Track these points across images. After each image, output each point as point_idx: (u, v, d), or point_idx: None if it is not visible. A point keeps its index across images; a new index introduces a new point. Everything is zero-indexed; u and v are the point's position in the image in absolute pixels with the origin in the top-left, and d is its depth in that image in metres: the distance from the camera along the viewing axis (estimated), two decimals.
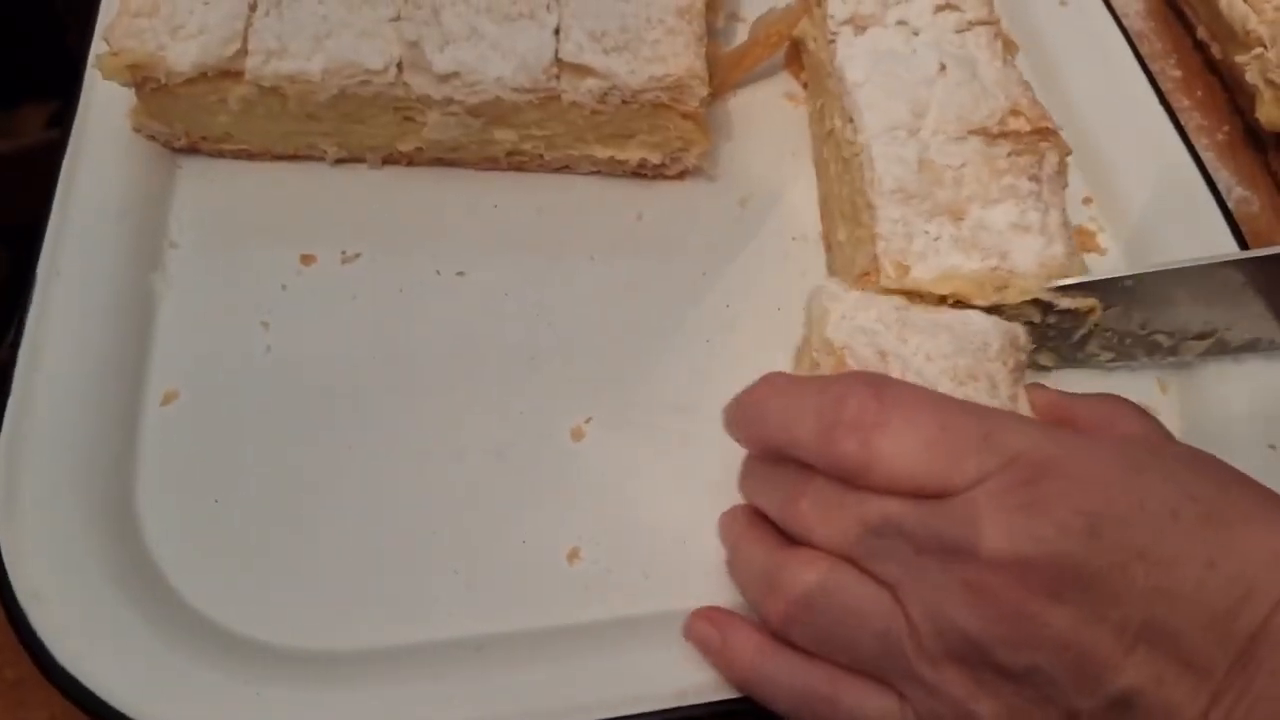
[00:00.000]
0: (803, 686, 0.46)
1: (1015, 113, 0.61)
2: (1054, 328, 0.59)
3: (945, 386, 0.51)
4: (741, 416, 0.49)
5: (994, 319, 0.54)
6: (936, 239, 0.57)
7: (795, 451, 0.46)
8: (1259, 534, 0.40)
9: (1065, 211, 0.59)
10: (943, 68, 0.63)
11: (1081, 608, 0.40)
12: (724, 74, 0.70)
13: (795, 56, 0.73)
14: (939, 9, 0.65)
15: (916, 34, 0.65)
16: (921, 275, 0.57)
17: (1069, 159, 0.61)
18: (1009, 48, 0.65)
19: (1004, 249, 0.57)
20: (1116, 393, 0.53)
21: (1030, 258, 0.57)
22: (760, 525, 0.50)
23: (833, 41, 0.65)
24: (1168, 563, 0.40)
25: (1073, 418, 0.51)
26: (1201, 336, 0.59)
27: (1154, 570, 0.39)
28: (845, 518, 0.44)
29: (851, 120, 0.62)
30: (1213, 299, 0.58)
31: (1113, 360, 0.61)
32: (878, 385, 0.45)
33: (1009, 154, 0.60)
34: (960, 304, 0.57)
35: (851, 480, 0.44)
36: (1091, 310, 0.58)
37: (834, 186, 0.66)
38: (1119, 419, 0.50)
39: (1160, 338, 0.60)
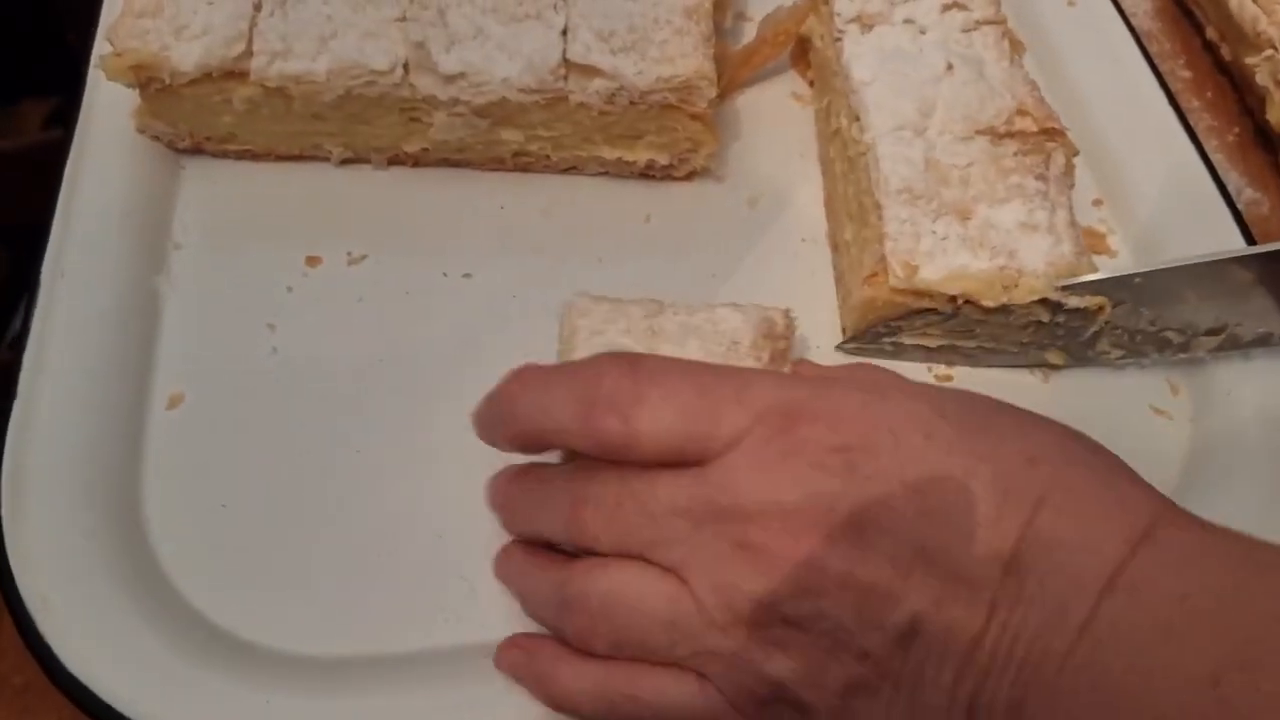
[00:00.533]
0: (604, 690, 0.45)
1: (1022, 112, 0.61)
2: (1063, 326, 0.59)
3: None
4: (494, 414, 0.49)
5: (745, 312, 0.54)
6: (944, 238, 0.57)
7: (555, 438, 0.46)
8: (1011, 441, 0.41)
9: (1072, 210, 0.59)
10: (950, 67, 0.63)
11: (853, 544, 0.40)
12: (731, 73, 0.69)
13: (802, 55, 0.73)
14: (946, 8, 0.65)
15: (923, 33, 0.65)
16: (930, 275, 0.57)
17: (1078, 160, 0.61)
18: (1016, 47, 0.65)
19: (1012, 248, 0.57)
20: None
21: (1038, 256, 0.57)
22: (538, 553, 0.49)
23: (839, 40, 0.65)
24: (927, 484, 0.40)
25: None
26: (1212, 333, 0.59)
27: (916, 494, 0.40)
28: (622, 513, 0.44)
29: (858, 119, 0.62)
30: (1222, 295, 0.57)
31: (1123, 357, 0.61)
32: (630, 361, 0.45)
33: (1015, 153, 0.60)
34: (970, 303, 0.57)
35: (618, 457, 0.44)
36: (1100, 309, 0.58)
37: (840, 186, 0.65)
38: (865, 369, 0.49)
39: (1170, 334, 0.59)
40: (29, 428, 0.56)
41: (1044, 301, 0.57)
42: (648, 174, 0.68)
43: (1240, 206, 0.65)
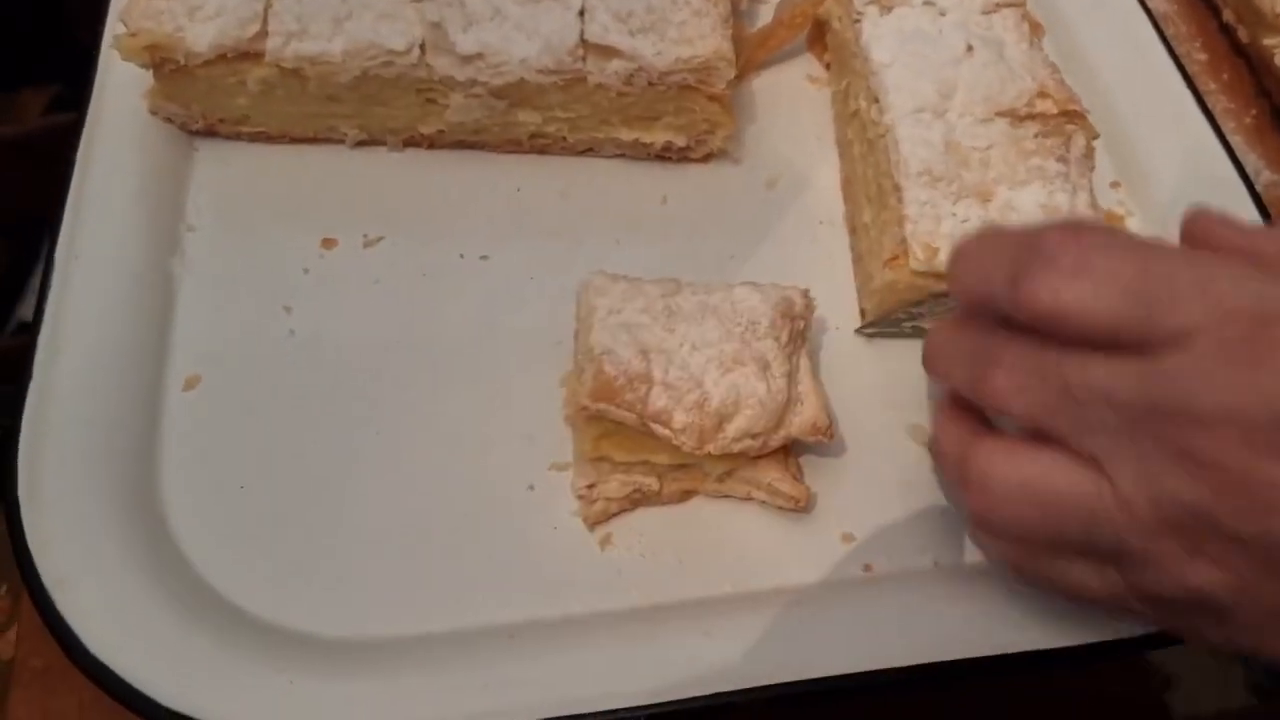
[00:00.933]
0: (1018, 560, 0.45)
1: (1043, 94, 0.61)
2: None
3: (712, 374, 0.51)
4: (950, 266, 0.46)
5: (764, 292, 0.54)
6: (965, 221, 0.57)
7: (990, 301, 0.43)
8: None
9: (1093, 193, 0.59)
10: (970, 49, 0.62)
11: None
12: (749, 55, 0.69)
13: (819, 37, 0.72)
14: None
15: (943, 14, 0.64)
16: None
17: (1095, 143, 0.61)
18: (1035, 30, 0.65)
19: None
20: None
21: None
22: (954, 407, 0.47)
23: (858, 21, 0.64)
24: None
25: (1259, 252, 0.43)
26: None
27: None
28: (1044, 390, 0.41)
29: (877, 101, 0.62)
30: None
31: None
32: (1075, 228, 0.41)
33: (1036, 135, 0.60)
34: None
35: (1045, 330, 0.41)
36: None
37: (858, 168, 0.65)
38: None
39: None
40: (45, 411, 0.55)
41: None
42: (665, 156, 0.67)
43: (1259, 188, 0.64)
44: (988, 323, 0.45)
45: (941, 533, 0.55)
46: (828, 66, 0.72)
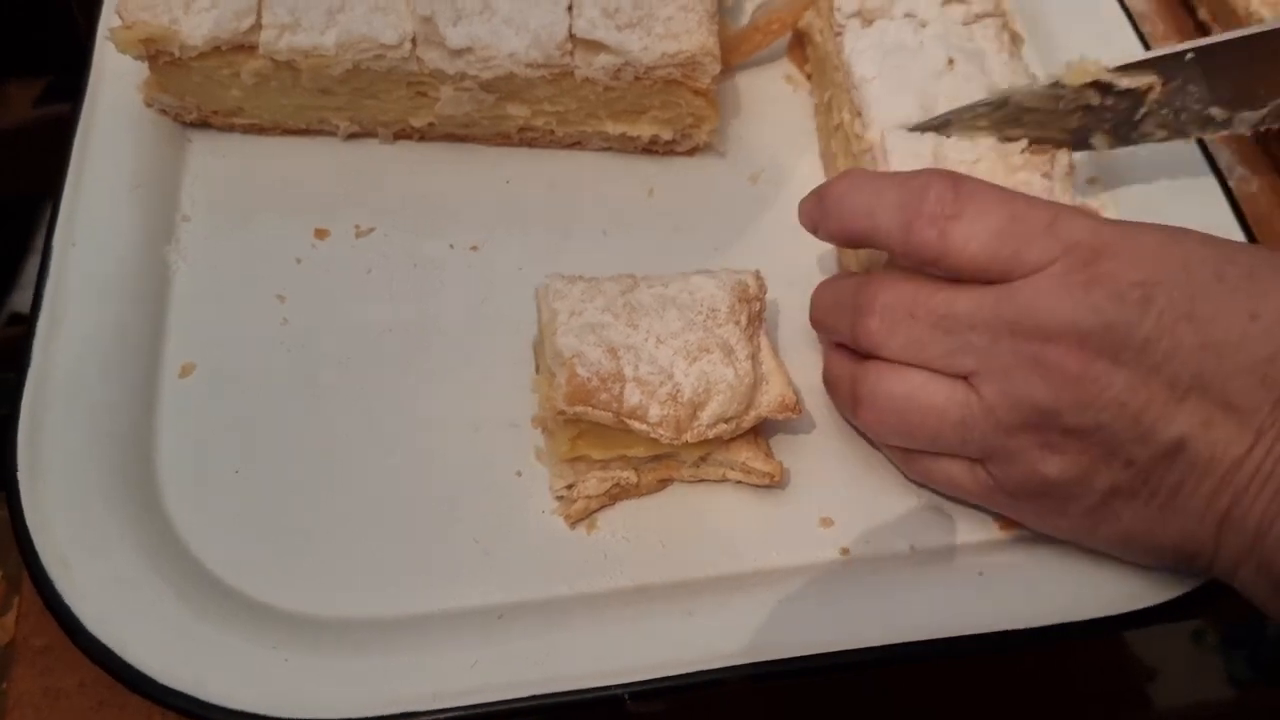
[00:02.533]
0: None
1: None
2: (1111, 110, 0.60)
3: (681, 365, 0.53)
4: (821, 208, 0.54)
5: (718, 278, 0.56)
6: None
7: (875, 239, 0.51)
8: None
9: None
10: (951, 62, 0.63)
11: (1138, 368, 0.45)
12: (725, 56, 0.70)
13: (798, 46, 0.73)
14: (946, 1, 0.66)
15: (924, 26, 0.65)
16: None
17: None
18: (1015, 40, 0.66)
19: None
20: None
21: None
22: (840, 346, 0.55)
23: (840, 34, 0.65)
24: (1213, 320, 0.44)
25: None
26: (1255, 106, 0.60)
27: (1201, 328, 0.44)
28: (915, 327, 0.49)
29: (860, 115, 0.63)
30: (1270, 65, 0.58)
31: (1166, 137, 0.62)
32: (954, 179, 0.50)
33: (1023, 151, 0.60)
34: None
35: (927, 268, 0.49)
36: (1151, 88, 0.59)
37: None
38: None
39: (1215, 111, 0.60)
40: (43, 396, 0.56)
41: (1095, 84, 0.58)
42: (651, 149, 0.69)
43: (1231, 184, 0.66)
44: (854, 277, 0.53)
45: (917, 518, 0.56)
46: (809, 76, 0.73)
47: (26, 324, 0.60)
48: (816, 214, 0.55)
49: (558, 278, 0.56)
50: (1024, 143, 0.60)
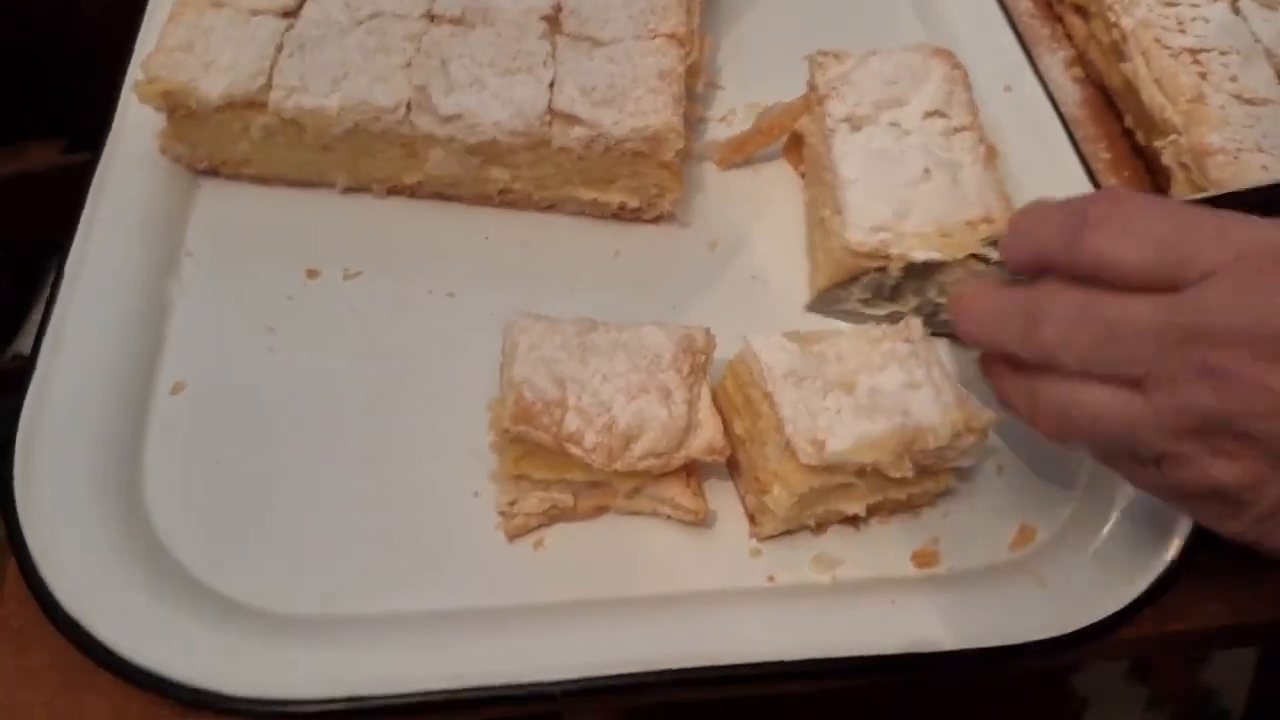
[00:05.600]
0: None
1: (987, 220, 0.66)
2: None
3: (620, 401, 0.58)
4: (1009, 234, 0.54)
5: (668, 330, 0.61)
6: (838, 412, 0.58)
7: (1044, 261, 0.51)
8: None
9: (945, 365, 0.61)
10: (927, 171, 0.68)
11: None
12: (725, 155, 0.77)
13: (794, 147, 0.78)
14: (928, 115, 0.71)
15: (908, 134, 0.70)
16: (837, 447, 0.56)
17: None
18: (991, 153, 0.71)
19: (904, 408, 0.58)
20: None
21: (931, 411, 0.58)
22: (1000, 363, 0.54)
23: (830, 136, 0.70)
24: None
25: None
26: None
27: None
28: (1089, 334, 0.49)
29: (840, 213, 0.67)
30: None
31: None
32: (1116, 193, 0.50)
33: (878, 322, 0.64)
34: None
35: (1093, 276, 0.49)
36: None
37: (819, 272, 0.71)
38: None
39: None
40: (45, 399, 0.62)
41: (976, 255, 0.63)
42: (619, 215, 0.75)
43: None
44: (1021, 287, 0.52)
45: (840, 553, 0.61)
46: (803, 175, 0.78)
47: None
48: (1005, 245, 0.55)
49: (524, 315, 0.61)
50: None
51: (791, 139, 0.78)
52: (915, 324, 0.62)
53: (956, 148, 0.70)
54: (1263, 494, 0.47)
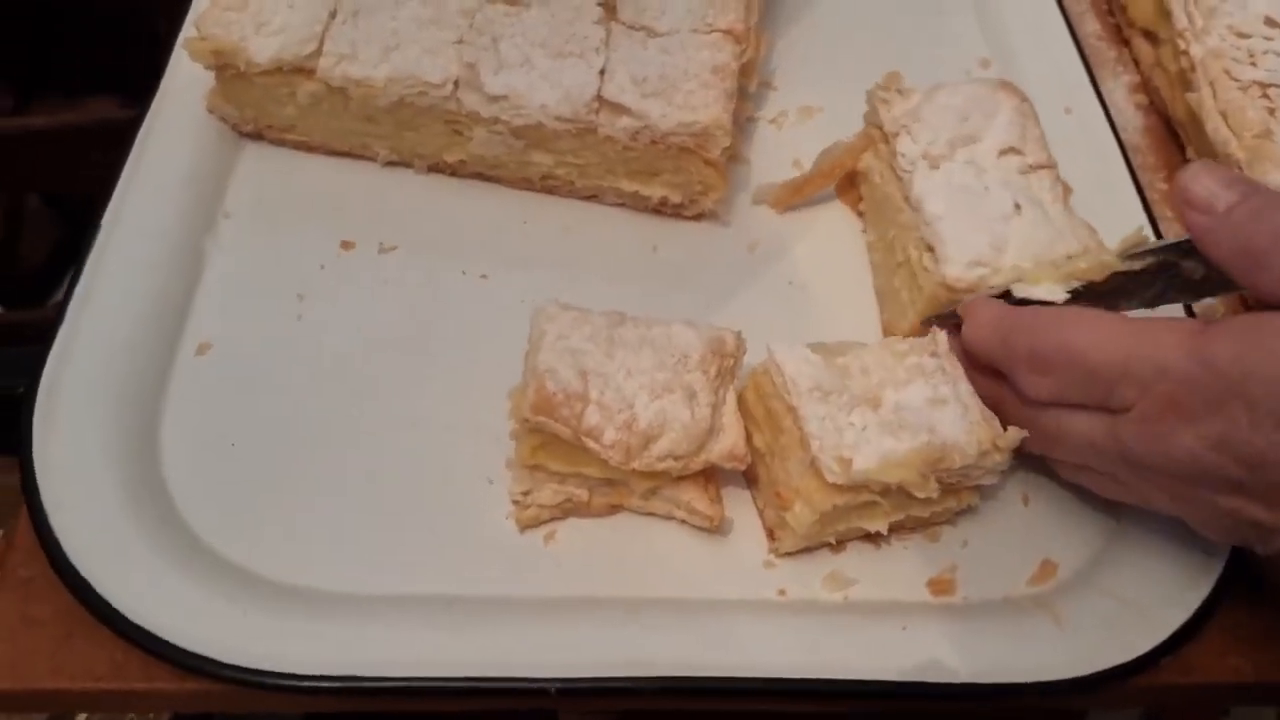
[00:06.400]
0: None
1: (1087, 253, 0.63)
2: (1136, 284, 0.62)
3: (643, 399, 0.57)
4: (966, 325, 0.60)
5: (698, 330, 0.59)
6: (863, 428, 0.56)
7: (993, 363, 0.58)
8: None
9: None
10: (1018, 207, 0.65)
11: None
12: (783, 198, 0.75)
13: (851, 187, 0.76)
14: (1002, 153, 0.68)
15: (984, 172, 0.67)
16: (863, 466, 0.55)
17: None
18: (1066, 191, 0.68)
19: (930, 425, 0.57)
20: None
21: (957, 429, 0.57)
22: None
23: (908, 174, 0.68)
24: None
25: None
26: None
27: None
28: (1046, 441, 0.56)
29: (932, 250, 0.65)
30: None
31: (1191, 299, 0.67)
32: (1033, 331, 0.55)
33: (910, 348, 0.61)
34: None
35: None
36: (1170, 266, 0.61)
37: (903, 315, 0.68)
38: None
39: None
40: (69, 350, 0.62)
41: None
42: (660, 210, 0.74)
43: (1196, 310, 0.70)
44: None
45: (854, 571, 0.59)
46: (860, 214, 0.76)
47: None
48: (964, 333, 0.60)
49: (554, 303, 0.60)
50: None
51: (846, 180, 0.76)
52: (941, 337, 0.60)
53: (1035, 186, 0.67)
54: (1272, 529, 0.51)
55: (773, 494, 0.58)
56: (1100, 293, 0.62)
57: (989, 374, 0.58)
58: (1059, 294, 0.61)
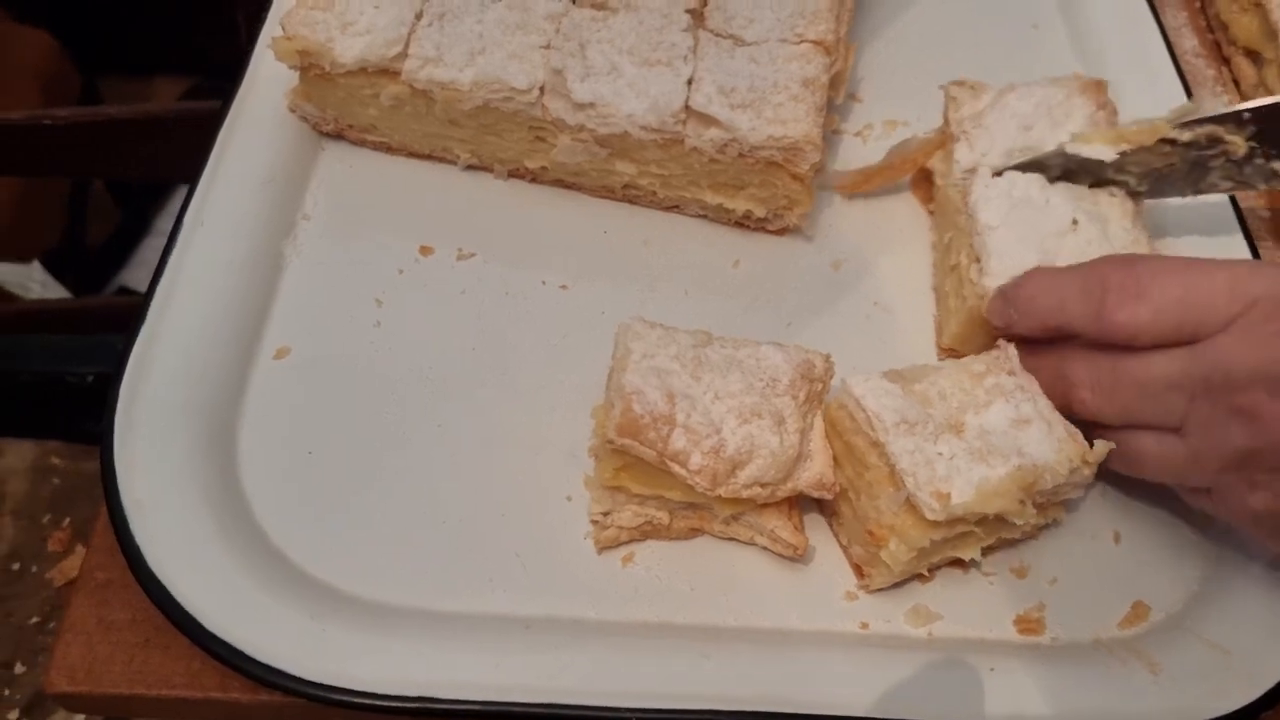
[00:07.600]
0: None
1: None
2: (1183, 161, 0.63)
3: (731, 424, 0.55)
4: (1013, 310, 0.59)
5: (787, 352, 0.58)
6: (952, 458, 0.55)
7: (1069, 330, 0.56)
8: None
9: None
10: (1075, 223, 0.63)
11: None
12: (850, 185, 0.74)
13: (925, 183, 0.75)
14: None
15: (1052, 183, 0.65)
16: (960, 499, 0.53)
17: None
18: (1139, 203, 0.66)
19: (1018, 447, 0.55)
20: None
21: (1045, 448, 0.55)
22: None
23: (968, 179, 0.66)
24: None
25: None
26: None
27: None
28: (1123, 394, 0.54)
29: (978, 261, 0.63)
30: None
31: (1232, 188, 0.66)
32: (1127, 262, 0.55)
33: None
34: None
35: (1120, 343, 0.54)
36: (1215, 141, 0.62)
37: (951, 322, 0.67)
38: None
39: (1277, 165, 0.63)
40: (149, 354, 0.62)
41: (1164, 139, 0.62)
42: (743, 223, 0.73)
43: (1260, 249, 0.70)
44: (1050, 351, 0.58)
45: (939, 606, 0.58)
46: (930, 212, 0.75)
47: (134, 296, 0.65)
48: (1010, 316, 0.59)
49: (639, 320, 0.59)
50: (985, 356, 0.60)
51: (921, 175, 0.75)
52: (1011, 351, 0.59)
53: (1103, 201, 0.65)
54: None
55: (864, 533, 0.57)
56: (1147, 170, 0.63)
57: (1048, 358, 0.58)
58: (1109, 154, 0.63)
